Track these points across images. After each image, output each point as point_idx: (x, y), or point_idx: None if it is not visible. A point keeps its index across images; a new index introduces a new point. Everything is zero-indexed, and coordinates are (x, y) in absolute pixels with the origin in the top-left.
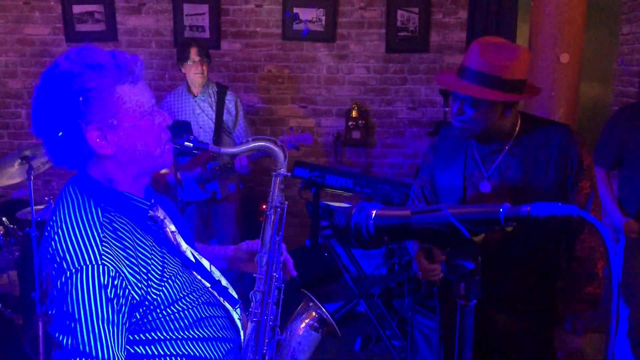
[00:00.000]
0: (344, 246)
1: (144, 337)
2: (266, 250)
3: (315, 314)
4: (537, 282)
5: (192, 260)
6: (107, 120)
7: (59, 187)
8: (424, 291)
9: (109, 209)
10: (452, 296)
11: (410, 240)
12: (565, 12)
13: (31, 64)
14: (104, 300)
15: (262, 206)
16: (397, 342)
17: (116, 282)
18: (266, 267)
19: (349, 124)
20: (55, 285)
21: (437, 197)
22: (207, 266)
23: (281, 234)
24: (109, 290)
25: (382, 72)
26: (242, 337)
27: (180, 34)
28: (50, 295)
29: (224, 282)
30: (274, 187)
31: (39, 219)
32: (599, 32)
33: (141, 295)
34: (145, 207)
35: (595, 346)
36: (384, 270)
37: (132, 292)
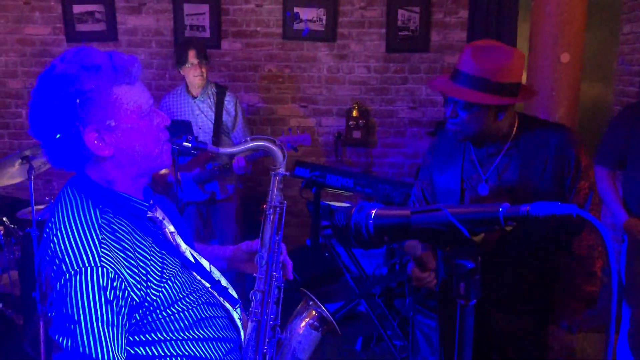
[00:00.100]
0: (344, 246)
1: (144, 338)
2: (266, 249)
3: (315, 312)
4: (536, 282)
5: (192, 260)
6: (104, 121)
7: (59, 187)
8: (424, 291)
9: (107, 211)
10: (452, 296)
11: (410, 240)
12: (565, 11)
13: (31, 64)
14: (103, 302)
15: (262, 206)
16: (398, 342)
17: (115, 283)
18: (266, 266)
19: (350, 123)
20: (54, 287)
21: (436, 200)
22: (206, 266)
23: (281, 233)
24: (108, 292)
25: (382, 72)
26: (242, 337)
27: (180, 34)
28: (49, 297)
29: (224, 282)
30: (273, 186)
31: (40, 219)
32: (600, 31)
33: (141, 296)
34: (144, 208)
35: (595, 346)
36: (384, 270)
37: (131, 293)
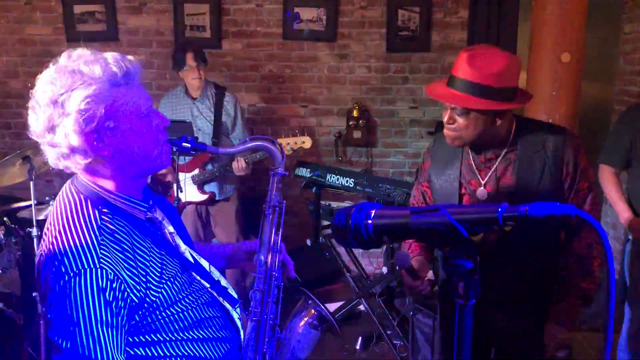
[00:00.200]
0: (343, 246)
1: (144, 339)
2: (265, 249)
3: (314, 311)
4: (535, 282)
5: (191, 261)
6: (103, 122)
7: (60, 187)
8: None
9: (106, 212)
10: (452, 296)
11: (409, 239)
12: (566, 11)
13: (32, 64)
14: (102, 303)
15: (262, 206)
16: (398, 342)
17: (114, 285)
18: (265, 266)
19: (350, 123)
20: (53, 288)
21: (435, 204)
22: (206, 267)
23: (280, 233)
24: (107, 293)
25: (383, 72)
26: (242, 337)
27: (181, 34)
28: (49, 298)
29: (224, 282)
30: (272, 186)
31: (40, 219)
32: (601, 31)
33: (140, 297)
34: (143, 209)
35: (596, 345)
36: (385, 269)
37: (130, 294)
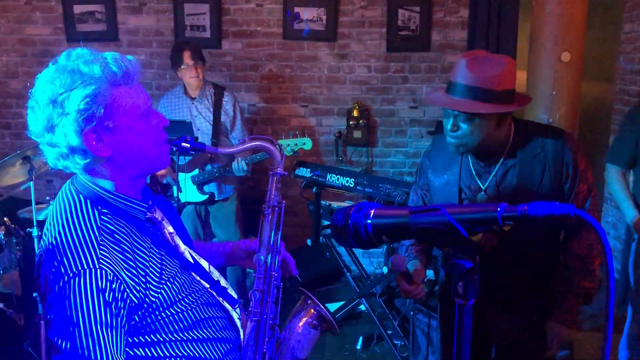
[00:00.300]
0: (343, 246)
1: (143, 340)
2: (265, 249)
3: (314, 311)
4: (536, 282)
5: (191, 261)
6: (102, 122)
7: (60, 187)
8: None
9: (106, 212)
10: (451, 295)
11: (408, 239)
12: (566, 10)
13: (32, 64)
14: (102, 304)
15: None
16: (398, 341)
17: (114, 285)
18: (265, 266)
19: (350, 123)
20: (53, 289)
21: None
22: (206, 267)
23: (279, 232)
24: (106, 294)
25: (383, 71)
26: (241, 337)
27: (181, 34)
28: (48, 299)
29: (223, 282)
30: (271, 186)
31: (40, 219)
32: (601, 30)
33: (140, 298)
34: (142, 209)
35: (597, 345)
36: (385, 269)
37: (130, 295)
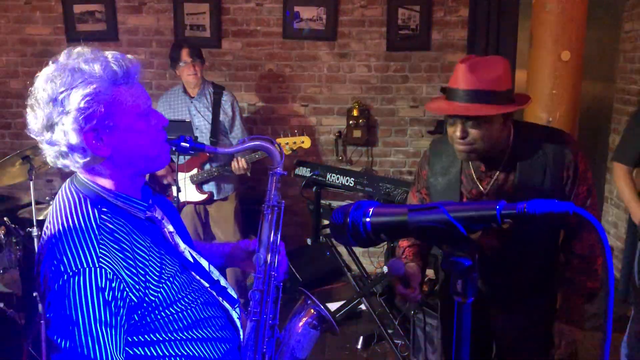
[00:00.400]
0: (342, 244)
1: (143, 339)
2: (264, 249)
3: (313, 311)
4: (536, 282)
5: (191, 260)
6: (102, 121)
7: (59, 187)
8: (426, 290)
9: (106, 211)
10: (450, 294)
11: (407, 237)
12: (566, 9)
13: (32, 64)
14: (101, 303)
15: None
16: (399, 341)
17: (114, 284)
18: (264, 266)
19: (350, 122)
20: (52, 288)
21: None
22: (205, 266)
23: (279, 232)
24: (106, 293)
25: (383, 71)
26: (241, 337)
27: (180, 33)
28: (48, 297)
29: (223, 281)
30: (271, 186)
31: (40, 219)
32: (601, 29)
33: (139, 297)
34: (142, 208)
35: (598, 345)
36: (385, 268)
37: (130, 294)
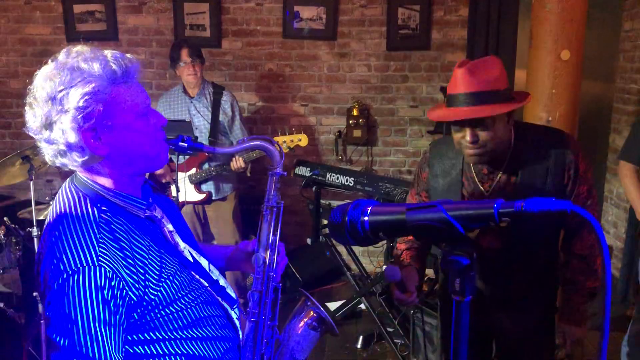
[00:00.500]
0: (340, 243)
1: (142, 337)
2: (263, 250)
3: (313, 313)
4: (537, 281)
5: (190, 260)
6: (101, 120)
7: (60, 187)
8: (425, 289)
9: (105, 210)
10: (449, 292)
11: (405, 236)
12: (566, 8)
13: (32, 64)
14: (100, 302)
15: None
16: (399, 340)
17: (113, 283)
18: (263, 266)
19: (350, 122)
20: (52, 286)
21: None
22: (205, 265)
23: (278, 233)
24: (105, 291)
25: (383, 70)
26: (240, 336)
27: (180, 33)
28: (47, 296)
29: (222, 281)
30: (270, 186)
31: (40, 219)
32: (601, 29)
33: (139, 295)
34: (142, 206)
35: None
36: (385, 268)
37: (129, 292)
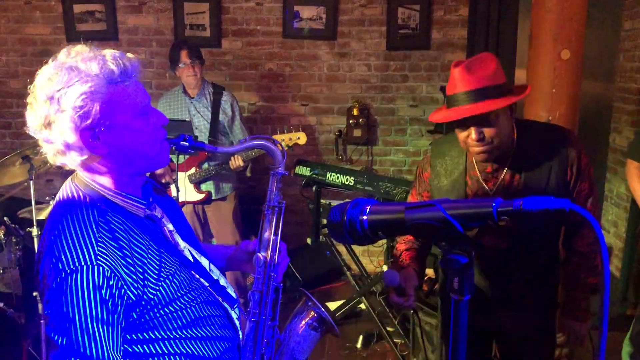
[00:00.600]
0: (339, 242)
1: (141, 336)
2: (264, 250)
3: (314, 313)
4: (537, 281)
5: (190, 259)
6: (98, 120)
7: (60, 187)
8: (425, 289)
9: (105, 209)
10: (447, 291)
11: (405, 235)
12: (566, 8)
13: (32, 64)
14: (98, 301)
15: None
16: (399, 340)
17: (111, 282)
18: (264, 266)
19: (350, 121)
20: (50, 285)
21: None
22: (206, 265)
23: (279, 233)
24: (103, 291)
25: (383, 70)
26: (240, 336)
27: (180, 33)
28: (46, 295)
29: (223, 281)
30: (272, 186)
31: (40, 219)
32: (601, 28)
33: (137, 295)
34: (142, 206)
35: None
36: (385, 267)
37: (128, 292)
